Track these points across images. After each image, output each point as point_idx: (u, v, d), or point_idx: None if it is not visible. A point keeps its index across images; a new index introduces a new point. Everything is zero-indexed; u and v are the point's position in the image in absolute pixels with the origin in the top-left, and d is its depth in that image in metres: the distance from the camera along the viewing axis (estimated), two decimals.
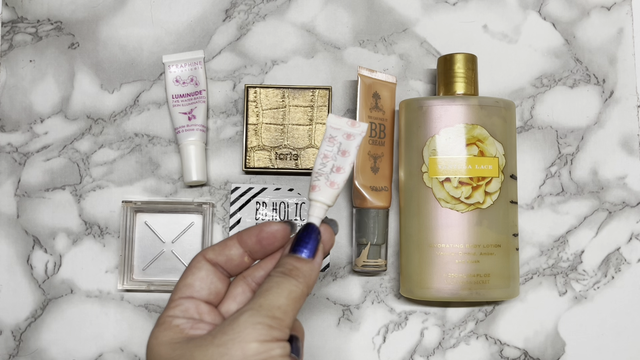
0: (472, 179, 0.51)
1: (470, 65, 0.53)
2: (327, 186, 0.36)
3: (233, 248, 0.36)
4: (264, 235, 0.36)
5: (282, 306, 0.33)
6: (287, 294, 0.33)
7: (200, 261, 0.36)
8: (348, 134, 0.37)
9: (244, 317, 0.32)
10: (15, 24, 0.57)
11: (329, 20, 0.58)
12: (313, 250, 0.36)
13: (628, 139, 0.57)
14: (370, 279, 0.55)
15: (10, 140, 0.56)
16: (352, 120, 0.38)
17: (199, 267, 0.36)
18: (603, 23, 0.58)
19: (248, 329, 0.31)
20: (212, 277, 0.36)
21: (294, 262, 0.35)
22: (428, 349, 0.54)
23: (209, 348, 0.31)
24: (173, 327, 0.34)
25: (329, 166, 0.37)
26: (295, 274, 0.34)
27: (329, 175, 0.37)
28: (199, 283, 0.35)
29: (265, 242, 0.36)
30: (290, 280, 0.34)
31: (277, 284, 0.33)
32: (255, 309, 0.32)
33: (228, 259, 0.36)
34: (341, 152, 0.37)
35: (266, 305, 0.32)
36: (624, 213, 0.56)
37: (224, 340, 0.31)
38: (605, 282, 0.56)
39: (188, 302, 0.35)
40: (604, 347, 0.55)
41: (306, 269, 0.35)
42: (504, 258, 0.51)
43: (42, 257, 0.55)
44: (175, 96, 0.56)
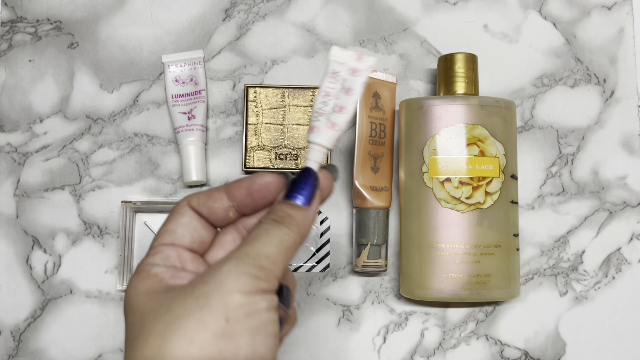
0: (473, 179, 0.50)
1: (471, 65, 0.53)
2: (328, 127, 0.33)
3: (218, 200, 0.33)
4: (255, 187, 0.33)
5: (270, 255, 0.30)
6: (277, 243, 0.30)
7: (183, 206, 0.33)
8: (353, 69, 0.34)
9: (228, 265, 0.29)
10: (15, 24, 0.57)
11: (329, 20, 0.58)
12: (309, 197, 0.32)
13: (629, 138, 0.57)
14: (370, 279, 0.55)
15: (9, 140, 0.56)
16: (359, 53, 0.34)
17: (182, 213, 0.33)
18: (604, 23, 0.58)
19: (231, 278, 0.28)
20: (195, 224, 0.33)
21: (287, 209, 0.32)
22: (428, 350, 0.54)
23: (188, 299, 0.28)
24: (152, 276, 0.31)
25: (330, 105, 0.34)
26: (288, 221, 0.31)
27: (330, 116, 0.34)
28: (181, 230, 0.33)
29: (256, 195, 0.33)
30: (282, 227, 0.31)
31: (266, 231, 0.31)
32: (240, 258, 0.29)
33: (211, 211, 0.33)
34: (345, 89, 0.34)
35: (253, 254, 0.29)
36: (624, 213, 0.56)
37: (204, 291, 0.28)
38: (606, 283, 0.56)
39: (169, 249, 0.32)
40: (604, 347, 0.55)
41: (300, 216, 0.32)
42: (504, 258, 0.51)
43: (41, 258, 0.55)
44: (175, 96, 0.55)
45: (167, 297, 0.29)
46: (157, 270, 0.31)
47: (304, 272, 0.55)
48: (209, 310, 0.28)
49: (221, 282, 0.28)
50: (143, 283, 0.31)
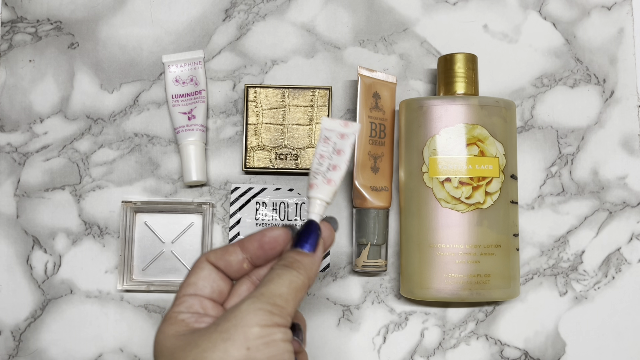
0: (473, 179, 0.50)
1: (471, 65, 0.53)
2: (325, 183, 0.38)
3: (233, 254, 0.37)
4: (266, 240, 0.37)
5: (283, 294, 0.34)
6: (288, 284, 0.34)
7: (202, 262, 0.37)
8: (342, 134, 0.39)
9: (246, 304, 0.33)
10: (15, 24, 0.57)
11: (329, 20, 0.58)
12: (314, 245, 0.37)
13: (628, 139, 0.57)
14: (370, 279, 0.55)
15: (9, 140, 0.56)
16: (345, 121, 0.39)
17: (202, 267, 0.37)
18: (603, 23, 0.58)
19: (250, 314, 0.32)
20: (214, 276, 0.37)
21: (295, 256, 0.36)
22: (428, 350, 0.54)
23: (212, 334, 0.32)
24: (179, 322, 0.35)
25: (325, 165, 0.38)
26: (297, 266, 0.35)
27: (326, 173, 0.38)
28: (202, 282, 0.36)
29: (267, 247, 0.37)
30: (292, 271, 0.35)
31: (278, 275, 0.35)
32: (256, 297, 0.33)
33: (227, 264, 0.37)
34: (336, 151, 0.39)
35: (267, 294, 0.33)
36: (624, 213, 0.56)
37: (227, 327, 0.32)
38: (605, 283, 0.56)
39: (192, 299, 0.36)
40: (604, 347, 0.55)
41: (307, 261, 0.36)
42: (504, 258, 0.51)
43: (41, 257, 0.55)
44: (175, 96, 0.56)
45: (193, 336, 0.33)
46: (183, 316, 0.35)
47: None
48: (232, 342, 0.31)
49: (241, 318, 0.32)
50: (170, 328, 0.34)
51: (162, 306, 0.54)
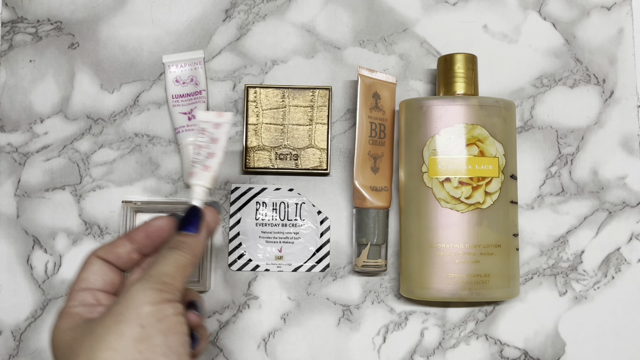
0: (472, 179, 0.51)
1: (471, 65, 0.53)
2: (203, 170, 0.41)
3: (121, 246, 0.39)
4: (151, 229, 0.39)
5: (169, 273, 0.35)
6: (173, 263, 0.36)
7: (92, 258, 0.38)
8: (216, 124, 0.42)
9: (135, 287, 0.34)
10: (15, 24, 0.57)
11: (329, 20, 0.58)
12: (197, 227, 0.39)
13: (628, 139, 0.57)
14: (370, 279, 0.55)
15: (10, 140, 0.56)
16: (219, 112, 0.43)
17: (92, 263, 0.38)
18: (603, 23, 0.58)
19: (139, 294, 0.34)
20: (105, 270, 0.38)
21: (179, 237, 0.38)
22: (428, 349, 0.54)
23: (106, 320, 0.33)
24: (73, 315, 0.36)
25: (203, 154, 0.42)
26: (181, 246, 0.37)
27: (204, 161, 0.41)
28: (93, 276, 0.38)
29: (153, 236, 0.39)
30: (177, 251, 0.37)
31: (163, 256, 0.36)
32: (144, 279, 0.35)
33: (116, 257, 0.39)
34: (212, 140, 0.42)
35: (155, 274, 0.35)
36: (624, 213, 0.56)
37: (119, 310, 0.33)
38: (605, 282, 0.56)
39: (84, 293, 0.37)
40: (604, 347, 0.55)
41: (191, 241, 0.38)
42: (504, 258, 0.51)
43: (42, 257, 0.55)
44: (175, 96, 0.56)
45: (89, 325, 0.34)
46: (77, 310, 0.36)
47: (304, 272, 0.55)
48: (126, 323, 0.33)
49: (131, 299, 0.34)
50: (65, 322, 0.36)
51: None
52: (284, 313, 0.54)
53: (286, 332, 0.54)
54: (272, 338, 0.54)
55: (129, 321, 0.33)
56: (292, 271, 0.55)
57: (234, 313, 0.54)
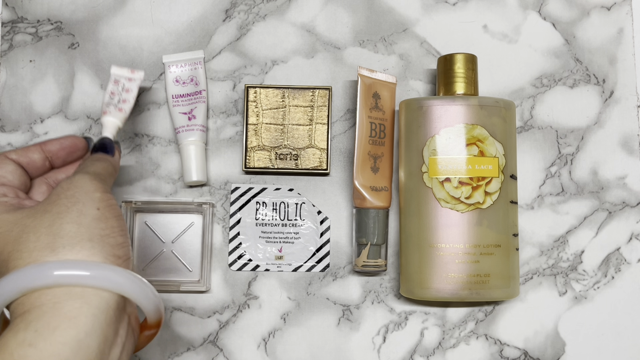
0: (472, 179, 0.51)
1: (470, 65, 0.53)
2: (117, 111, 0.46)
3: (36, 152, 0.41)
4: (67, 143, 0.43)
5: (102, 173, 0.39)
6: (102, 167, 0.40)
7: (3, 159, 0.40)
8: (129, 78, 0.49)
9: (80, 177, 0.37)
10: (15, 24, 0.57)
11: (329, 20, 0.58)
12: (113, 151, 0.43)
13: (628, 139, 0.57)
14: (370, 279, 0.55)
15: (10, 140, 0.56)
16: (133, 69, 0.49)
17: (6, 162, 0.40)
18: (603, 23, 0.58)
19: (88, 183, 0.37)
20: (20, 171, 0.40)
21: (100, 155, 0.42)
22: (428, 349, 0.54)
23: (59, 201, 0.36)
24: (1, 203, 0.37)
25: (116, 99, 0.47)
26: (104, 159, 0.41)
27: (117, 104, 0.47)
28: (10, 175, 0.40)
29: (68, 149, 0.43)
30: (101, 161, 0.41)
31: (92, 163, 0.40)
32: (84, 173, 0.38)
33: (30, 161, 0.41)
34: (125, 89, 0.48)
35: (91, 172, 0.38)
36: (624, 213, 0.56)
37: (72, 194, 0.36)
38: (605, 282, 0.56)
39: (4, 188, 0.39)
40: (604, 347, 0.55)
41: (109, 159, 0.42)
42: (504, 258, 0.51)
43: None
44: (175, 96, 0.56)
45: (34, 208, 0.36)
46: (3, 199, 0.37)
47: (304, 272, 0.55)
48: (83, 204, 0.36)
49: (82, 186, 0.36)
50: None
51: None
52: (284, 313, 0.54)
53: (286, 332, 0.54)
54: (272, 338, 0.54)
55: (86, 203, 0.35)
56: (292, 271, 0.55)
57: (234, 313, 0.54)
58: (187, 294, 0.54)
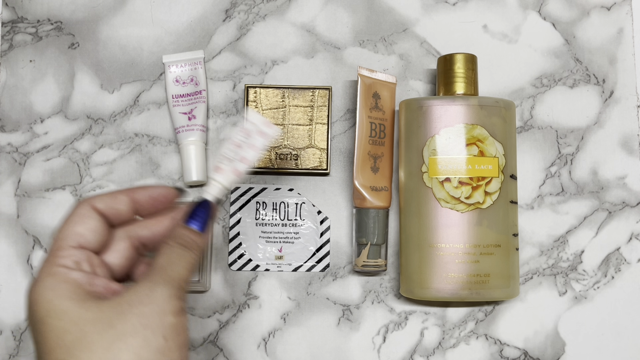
0: (472, 179, 0.51)
1: (470, 65, 0.53)
2: (231, 171, 0.40)
3: (122, 202, 0.37)
4: (156, 195, 0.38)
5: (186, 278, 0.35)
6: (189, 267, 0.36)
7: (88, 210, 0.36)
8: (261, 132, 0.41)
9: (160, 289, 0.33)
10: (15, 24, 0.57)
11: (329, 21, 0.58)
12: (206, 225, 0.38)
13: (628, 139, 0.57)
14: (370, 279, 0.55)
15: (10, 140, 0.56)
16: (269, 122, 0.42)
17: (88, 216, 0.36)
18: (603, 23, 0.58)
19: (165, 302, 0.33)
20: (101, 227, 0.36)
21: (191, 236, 0.37)
22: (428, 349, 0.54)
23: (128, 317, 0.32)
24: (70, 281, 0.33)
25: (236, 154, 0.40)
26: (194, 247, 0.37)
27: (235, 163, 0.40)
28: (90, 233, 0.35)
29: (158, 202, 0.38)
30: (190, 253, 0.36)
31: (180, 256, 0.36)
32: (168, 282, 0.34)
33: (116, 213, 0.37)
34: (250, 145, 0.41)
35: (176, 278, 0.34)
36: (623, 213, 0.56)
37: (145, 311, 0.32)
38: (605, 282, 0.56)
39: (79, 253, 0.35)
40: (604, 347, 0.55)
41: (200, 242, 0.37)
42: (504, 258, 0.51)
43: (42, 257, 0.55)
44: (175, 96, 0.56)
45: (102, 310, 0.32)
46: (74, 275, 0.34)
47: (304, 272, 0.55)
48: (151, 330, 0.32)
49: (158, 304, 0.33)
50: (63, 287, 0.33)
51: None
52: (284, 313, 0.54)
53: (286, 332, 0.54)
54: (272, 338, 0.54)
55: (155, 330, 0.32)
56: (292, 271, 0.55)
57: (234, 313, 0.54)
58: (187, 293, 0.54)
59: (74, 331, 0.31)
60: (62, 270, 0.34)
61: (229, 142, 0.40)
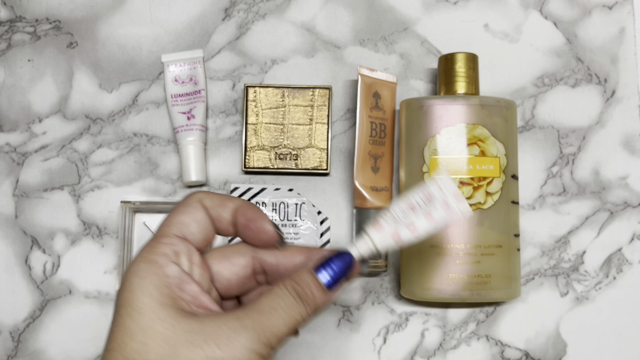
0: (473, 179, 0.50)
1: (471, 65, 0.53)
2: (390, 234, 0.34)
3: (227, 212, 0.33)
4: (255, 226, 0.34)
5: (280, 335, 0.31)
6: (291, 323, 0.31)
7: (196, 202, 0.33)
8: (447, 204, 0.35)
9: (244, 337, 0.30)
10: (14, 23, 0.57)
11: (329, 19, 0.58)
12: (336, 281, 0.33)
13: (630, 138, 0.57)
14: (370, 280, 0.55)
15: (8, 140, 0.56)
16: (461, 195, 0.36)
17: (197, 208, 0.33)
18: (604, 22, 0.58)
19: (244, 352, 0.29)
20: (207, 223, 0.33)
21: (313, 289, 0.32)
22: (429, 350, 0.54)
23: (196, 350, 0.29)
24: (161, 276, 0.31)
25: (407, 218, 0.35)
26: (309, 301, 0.32)
27: (400, 226, 0.35)
28: (196, 225, 0.33)
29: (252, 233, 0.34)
30: (301, 307, 0.32)
31: (287, 306, 0.31)
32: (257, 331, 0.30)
33: (218, 217, 0.33)
34: (428, 213, 0.35)
35: (269, 330, 0.30)
36: (625, 213, 0.56)
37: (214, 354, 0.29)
38: (606, 283, 0.55)
39: (181, 244, 0.32)
40: (605, 348, 0.55)
41: (321, 300, 0.32)
42: (505, 259, 0.51)
43: (40, 258, 0.55)
44: (175, 96, 0.55)
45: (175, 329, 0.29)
46: (169, 271, 0.31)
47: None
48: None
49: (234, 349, 0.29)
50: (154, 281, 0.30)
51: None
52: None
53: None
54: None
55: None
56: None
57: None
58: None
59: (138, 339, 0.29)
60: (159, 259, 0.31)
61: (403, 200, 0.35)
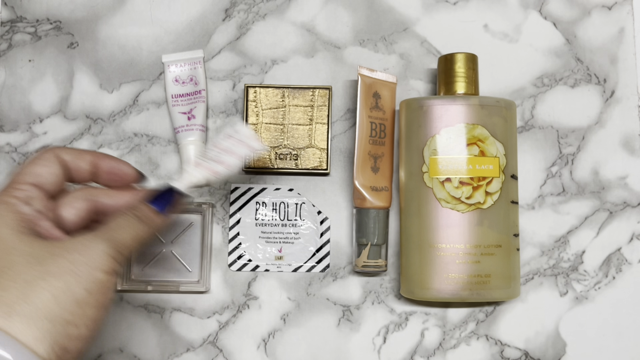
0: (473, 179, 0.50)
1: (471, 65, 0.53)
2: (206, 169, 0.42)
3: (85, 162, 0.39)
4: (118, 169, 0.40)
5: (128, 245, 0.36)
6: (135, 237, 0.37)
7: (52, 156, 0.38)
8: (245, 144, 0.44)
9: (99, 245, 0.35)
10: (14, 24, 0.57)
11: (329, 20, 0.58)
12: (166, 209, 0.40)
13: (629, 138, 0.57)
14: (370, 280, 0.55)
15: (9, 140, 0.56)
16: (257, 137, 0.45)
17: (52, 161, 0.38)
18: (604, 22, 0.58)
19: (99, 257, 0.34)
20: (60, 175, 0.38)
21: (150, 213, 0.39)
22: (428, 350, 0.54)
23: (59, 260, 0.33)
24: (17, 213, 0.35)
25: (216, 155, 0.43)
26: (148, 221, 0.38)
27: (212, 163, 0.42)
28: (48, 176, 0.37)
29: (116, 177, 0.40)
30: (142, 225, 0.38)
31: (130, 224, 0.37)
32: (108, 240, 0.35)
33: (77, 169, 0.39)
34: (231, 151, 0.43)
35: (117, 241, 0.36)
36: (625, 213, 0.56)
37: (77, 259, 0.33)
38: (606, 283, 0.55)
39: (34, 190, 0.36)
40: (605, 347, 0.55)
41: (156, 221, 0.39)
42: (504, 258, 0.51)
43: None
44: (175, 96, 0.55)
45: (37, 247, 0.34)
46: (24, 209, 0.35)
47: (304, 273, 0.55)
48: (77, 279, 0.33)
49: (91, 257, 0.34)
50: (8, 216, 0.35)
51: (161, 306, 0.54)
52: (284, 313, 0.54)
53: (286, 332, 0.54)
54: (272, 338, 0.54)
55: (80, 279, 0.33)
56: (292, 271, 0.55)
57: (234, 313, 0.54)
58: (187, 294, 0.54)
59: (3, 258, 0.33)
60: (13, 201, 0.35)
61: (214, 144, 0.43)
